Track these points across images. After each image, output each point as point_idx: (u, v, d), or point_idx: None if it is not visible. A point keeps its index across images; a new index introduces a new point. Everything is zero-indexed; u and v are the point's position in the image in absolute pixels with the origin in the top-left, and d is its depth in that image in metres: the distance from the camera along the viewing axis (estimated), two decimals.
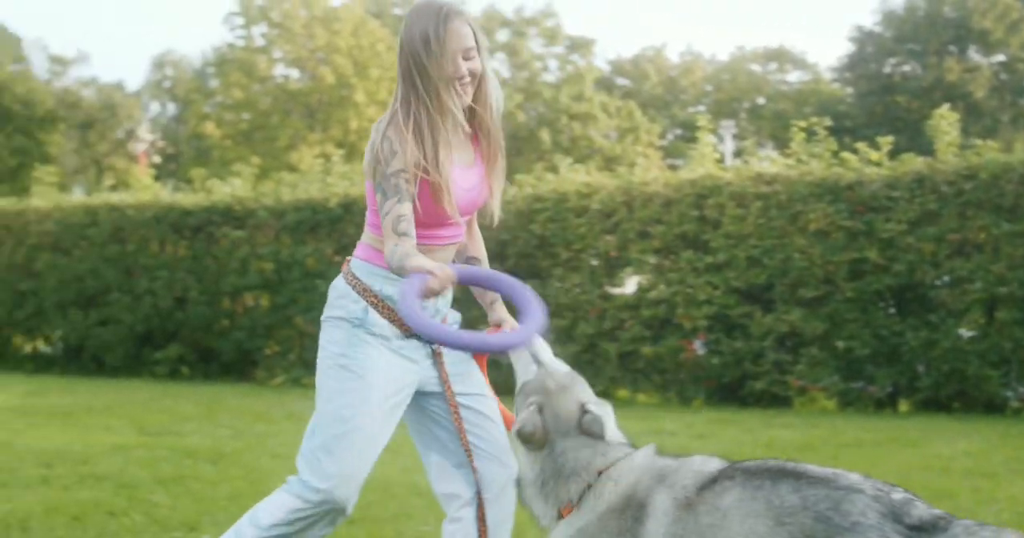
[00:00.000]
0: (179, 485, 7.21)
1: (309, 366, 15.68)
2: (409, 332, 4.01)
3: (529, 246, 14.31)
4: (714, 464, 3.30)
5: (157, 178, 22.49)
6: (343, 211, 15.68)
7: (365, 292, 4.02)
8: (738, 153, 36.88)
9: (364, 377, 3.95)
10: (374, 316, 3.99)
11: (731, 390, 13.44)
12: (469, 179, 4.04)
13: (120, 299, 17.18)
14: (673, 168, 20.01)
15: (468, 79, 3.91)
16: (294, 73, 48.13)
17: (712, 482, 3.18)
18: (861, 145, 13.40)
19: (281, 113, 46.50)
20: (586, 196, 14.15)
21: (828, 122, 14.03)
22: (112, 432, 10.07)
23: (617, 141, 53.53)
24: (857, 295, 12.70)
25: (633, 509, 3.29)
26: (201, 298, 16.62)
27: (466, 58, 3.89)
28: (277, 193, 16.74)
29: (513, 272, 14.14)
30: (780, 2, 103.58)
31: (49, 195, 19.90)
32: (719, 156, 15.03)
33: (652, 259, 13.86)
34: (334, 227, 15.78)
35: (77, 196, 19.88)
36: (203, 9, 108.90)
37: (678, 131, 58.95)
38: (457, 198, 3.95)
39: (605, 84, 57.86)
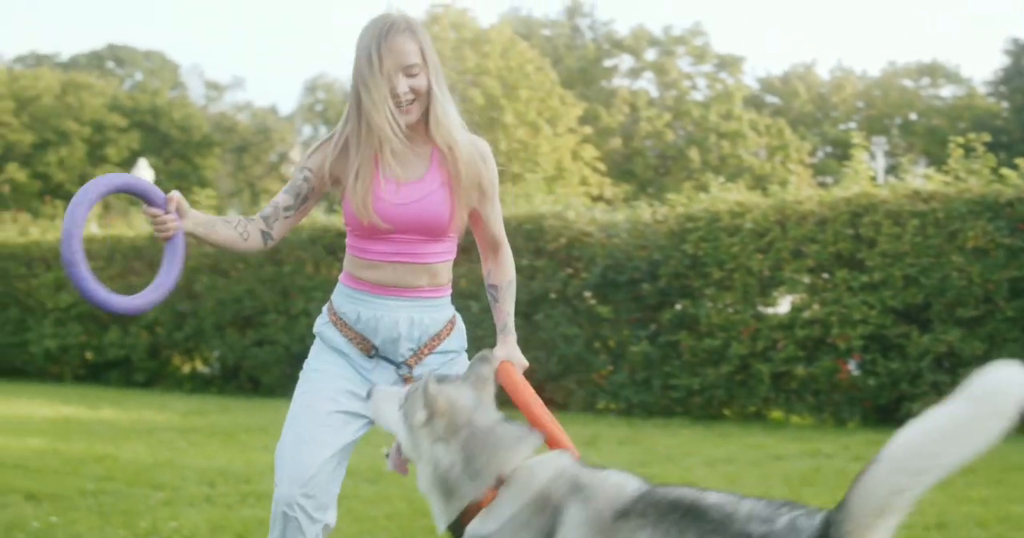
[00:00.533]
0: (338, 504, 7.27)
1: None
2: (373, 354, 4.12)
3: (681, 266, 14.22)
4: (630, 487, 3.26)
5: None
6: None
7: (330, 310, 4.25)
8: (890, 170, 36.29)
9: (313, 382, 4.13)
10: (332, 332, 4.18)
11: (888, 412, 13.19)
12: (405, 194, 4.00)
13: (276, 320, 17.48)
14: (823, 186, 19.71)
15: (410, 97, 3.93)
16: None
17: (627, 513, 3.15)
18: (1021, 161, 13.08)
19: None
20: (739, 215, 14.03)
21: (987, 137, 13.72)
22: (270, 451, 10.16)
23: (766, 159, 53.08)
24: (1018, 314, 12.39)
25: (550, 511, 3.25)
26: None
27: (408, 75, 3.91)
28: None
29: (665, 292, 14.15)
30: (932, 16, 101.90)
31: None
32: (872, 173, 14.81)
33: (806, 278, 13.69)
34: None
35: None
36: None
37: (828, 148, 58.22)
38: (383, 212, 3.97)
39: (754, 102, 57.45)
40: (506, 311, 4.31)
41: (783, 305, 14.15)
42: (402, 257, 4.05)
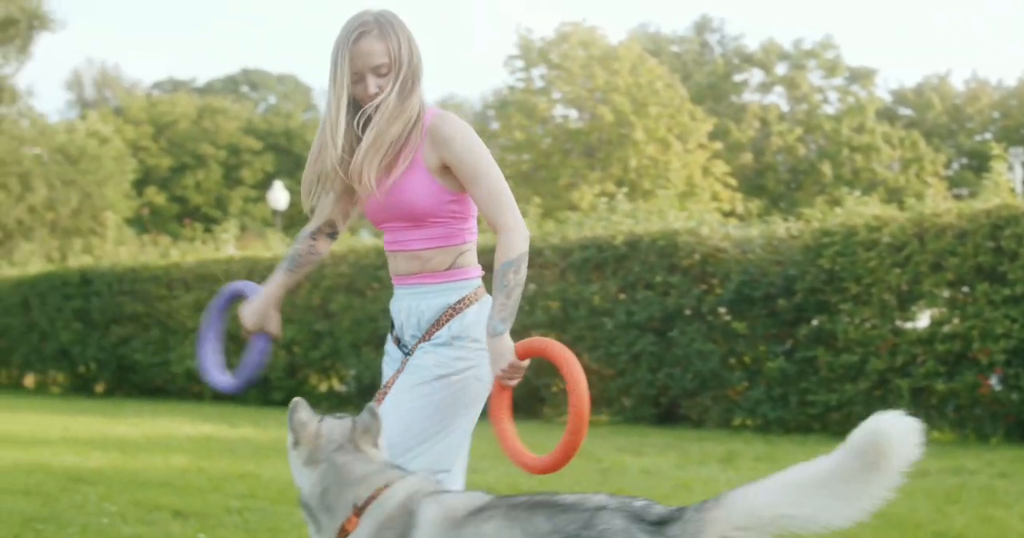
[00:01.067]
0: None
1: (596, 403, 15.76)
2: (400, 345, 4.26)
3: (818, 281, 14.06)
4: (485, 498, 3.48)
5: None
6: (628, 249, 15.72)
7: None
8: None
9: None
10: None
11: None
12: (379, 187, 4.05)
13: None
14: (959, 198, 19.38)
15: (376, 95, 3.97)
16: (573, 113, 48.65)
17: (480, 510, 3.38)
18: None
19: (561, 153, 47.06)
20: (876, 229, 13.83)
21: None
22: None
23: (900, 172, 52.27)
24: None
25: (404, 517, 3.43)
26: None
27: (377, 75, 3.96)
28: (563, 231, 16.92)
29: (801, 307, 13.99)
30: None
31: (343, 238, 20.60)
32: (1012, 185, 14.52)
33: (946, 292, 13.45)
34: (620, 265, 15.84)
35: (367, 239, 20.51)
36: (482, 54, 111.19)
37: (963, 160, 57.19)
38: (367, 207, 4.15)
39: (887, 114, 56.64)
40: (498, 303, 3.97)
41: (922, 319, 13.92)
42: (395, 246, 4.13)
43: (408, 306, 4.14)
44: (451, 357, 4.03)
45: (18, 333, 24.42)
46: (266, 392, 19.70)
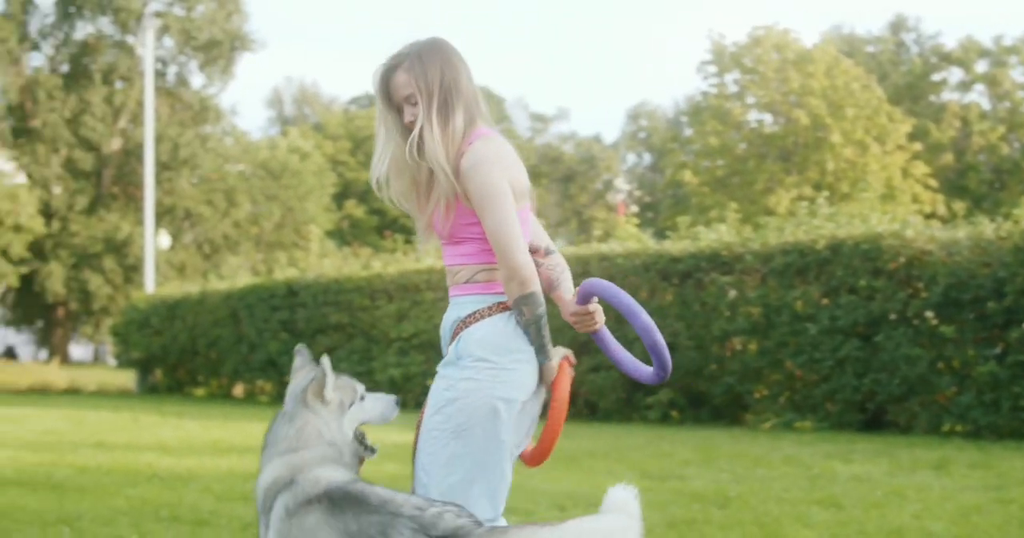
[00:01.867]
0: (691, 529, 7.30)
1: (800, 409, 15.59)
2: None
3: None
4: (325, 481, 3.82)
5: (638, 227, 23.00)
6: (831, 253, 15.48)
7: None
8: None
9: None
10: None
11: None
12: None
13: None
14: None
15: (412, 123, 4.12)
16: (768, 117, 48.15)
17: (309, 501, 3.74)
18: None
19: (756, 158, 46.61)
20: None
21: None
22: (615, 476, 10.31)
23: None
24: None
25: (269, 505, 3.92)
26: (690, 343, 16.81)
27: (410, 104, 4.13)
28: (763, 237, 16.75)
29: (1012, 310, 13.60)
30: None
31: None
32: None
33: None
34: (822, 269, 15.61)
35: (564, 247, 20.57)
36: (675, 60, 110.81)
37: None
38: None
39: None
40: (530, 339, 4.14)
41: None
42: (447, 262, 4.23)
43: (444, 317, 4.25)
44: (457, 378, 4.05)
45: (228, 344, 25.16)
46: None
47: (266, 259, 47.05)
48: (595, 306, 4.23)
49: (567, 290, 4.28)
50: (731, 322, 16.38)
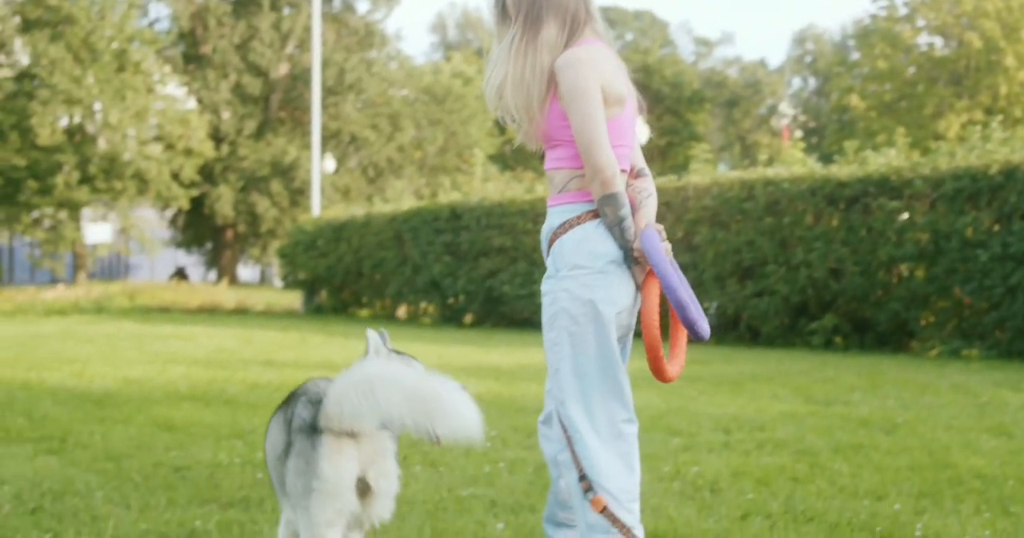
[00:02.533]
0: (857, 454, 7.24)
1: (968, 337, 15.31)
2: None
3: None
4: (305, 387, 4.15)
5: (804, 151, 22.65)
6: (1004, 179, 15.09)
7: None
8: None
9: None
10: None
11: None
12: None
13: (776, 271, 17.47)
14: None
15: None
16: (938, 40, 46.87)
17: (286, 402, 4.15)
18: None
19: (926, 82, 45.48)
20: None
21: None
22: (780, 400, 10.28)
23: None
24: None
25: None
26: (856, 269, 16.57)
27: (502, 25, 4.23)
28: (933, 161, 16.39)
29: None
30: None
31: (705, 171, 20.59)
32: None
33: None
34: (995, 195, 15.22)
35: (728, 172, 20.35)
36: None
37: None
38: None
39: None
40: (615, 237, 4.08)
41: None
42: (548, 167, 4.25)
43: (542, 229, 4.23)
44: (557, 290, 4.04)
45: (392, 266, 25.51)
46: (638, 323, 19.92)
47: (429, 183, 47.51)
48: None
49: (645, 216, 4.14)
50: (898, 248, 16.10)
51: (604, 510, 3.93)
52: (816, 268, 16.95)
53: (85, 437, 7.85)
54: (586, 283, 3.97)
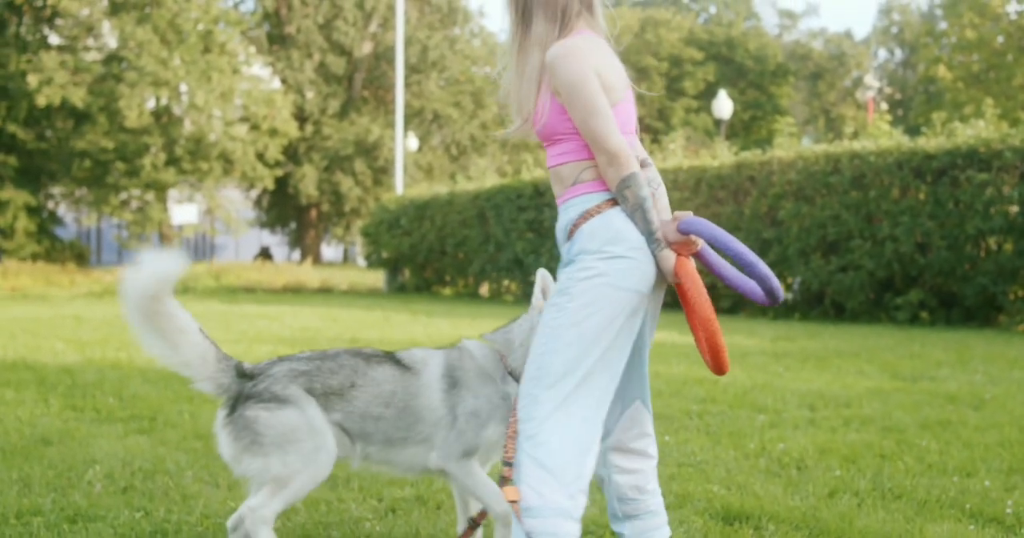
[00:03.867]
0: (945, 430, 7.16)
1: None
2: None
3: None
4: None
5: (890, 124, 22.39)
6: None
7: None
8: None
9: None
10: None
11: None
12: None
13: (861, 245, 17.30)
14: None
15: None
16: None
17: None
18: None
19: (1015, 51, 44.74)
20: None
21: None
22: (866, 376, 10.19)
23: None
24: None
25: None
26: (943, 243, 16.37)
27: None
28: (1022, 133, 16.13)
29: None
30: None
31: (790, 145, 20.42)
32: None
33: None
34: None
35: (813, 146, 20.15)
36: None
37: None
38: None
39: None
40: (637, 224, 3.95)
41: None
42: (548, 165, 4.15)
43: (556, 228, 4.13)
44: (574, 270, 3.91)
45: (475, 244, 25.57)
46: (714, 299, 19.82)
47: (512, 160, 47.54)
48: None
49: (662, 208, 4.06)
50: (987, 221, 15.88)
51: (513, 504, 3.81)
52: (902, 242, 16.76)
53: (174, 416, 7.96)
54: (605, 266, 3.87)
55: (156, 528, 4.80)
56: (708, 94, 55.91)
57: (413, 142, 44.53)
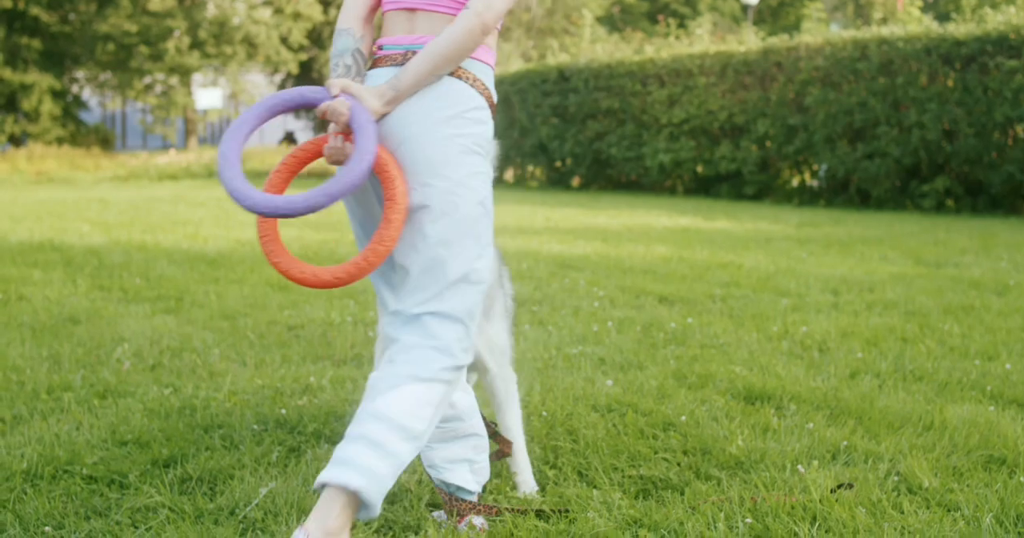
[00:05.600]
0: (968, 315, 7.18)
1: None
2: None
3: None
4: None
5: (920, 9, 22.09)
6: None
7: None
8: None
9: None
10: None
11: None
12: None
13: (888, 132, 17.19)
14: None
15: None
16: None
17: None
18: None
19: None
20: None
21: None
22: (889, 262, 10.19)
23: None
24: None
25: None
26: (970, 130, 16.25)
27: None
28: None
29: None
30: None
31: (817, 31, 20.20)
32: None
33: None
34: None
35: (841, 31, 19.93)
36: None
37: None
38: None
39: None
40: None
41: None
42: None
43: None
44: None
45: (499, 129, 25.43)
46: (737, 186, 19.83)
47: (537, 45, 47.12)
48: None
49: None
50: (1015, 108, 15.73)
51: None
52: (929, 130, 16.65)
53: (200, 297, 8.03)
54: None
55: (184, 404, 4.86)
56: None
57: None
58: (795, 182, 19.65)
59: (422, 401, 3.09)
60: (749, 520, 3.35)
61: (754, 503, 3.51)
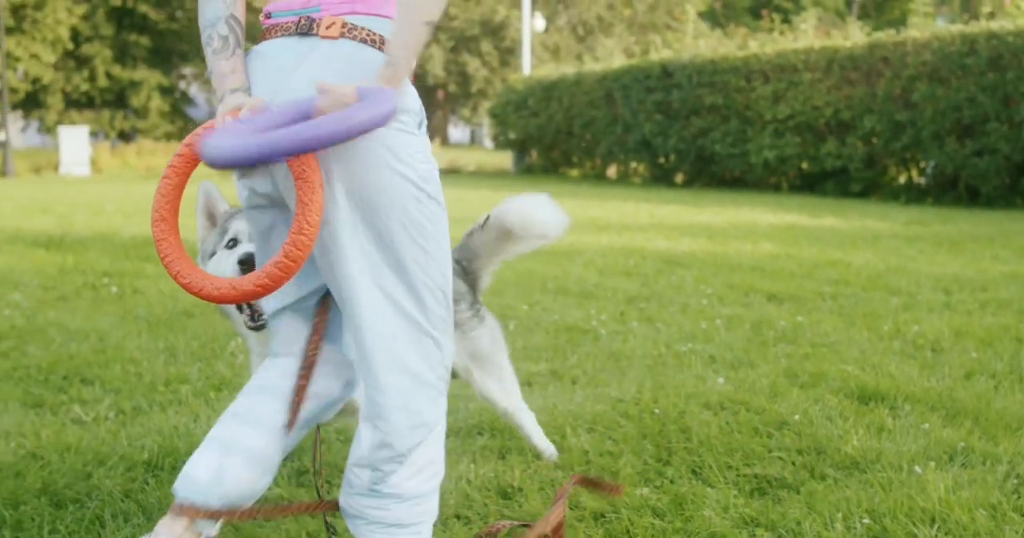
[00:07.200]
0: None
1: None
2: None
3: None
4: None
5: None
6: None
7: None
8: None
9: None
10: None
11: None
12: None
13: (997, 129, 16.93)
14: None
15: None
16: None
17: None
18: None
19: None
20: None
21: None
22: (1001, 261, 10.05)
23: None
24: None
25: None
26: None
27: None
28: None
29: None
30: None
31: (924, 26, 19.95)
32: None
33: None
34: None
35: (948, 26, 19.68)
36: None
37: None
38: None
39: None
40: None
41: None
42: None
43: None
44: None
45: (602, 125, 25.45)
46: (843, 183, 19.64)
47: (639, 41, 47.02)
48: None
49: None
50: None
51: None
52: None
53: None
54: None
55: None
56: None
57: (540, 22, 44.17)
58: (902, 179, 19.43)
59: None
60: (867, 520, 3.35)
61: None
